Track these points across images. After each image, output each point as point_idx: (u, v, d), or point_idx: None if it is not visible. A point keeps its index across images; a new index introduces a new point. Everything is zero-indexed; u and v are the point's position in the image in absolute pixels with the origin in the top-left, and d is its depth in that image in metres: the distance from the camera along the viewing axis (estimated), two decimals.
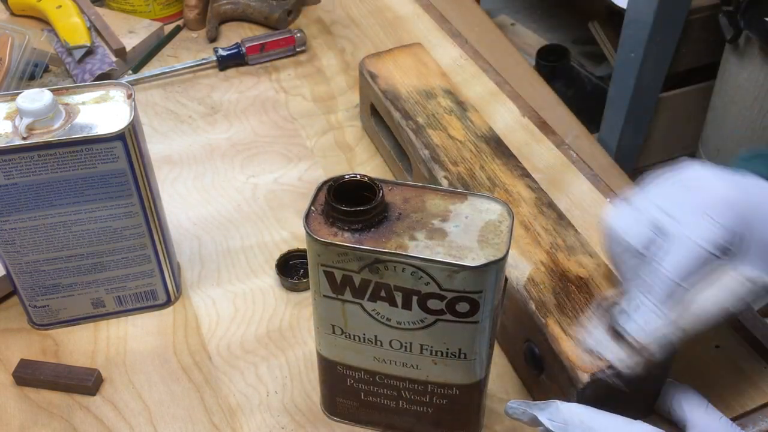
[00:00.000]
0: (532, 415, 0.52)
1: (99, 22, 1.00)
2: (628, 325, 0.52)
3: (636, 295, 0.52)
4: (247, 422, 0.61)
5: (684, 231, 0.50)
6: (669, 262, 0.50)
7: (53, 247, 0.62)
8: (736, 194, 0.51)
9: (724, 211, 0.50)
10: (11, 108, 0.59)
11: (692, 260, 0.50)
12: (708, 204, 0.51)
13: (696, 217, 0.50)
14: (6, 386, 0.64)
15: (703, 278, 0.50)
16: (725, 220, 0.50)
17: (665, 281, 0.50)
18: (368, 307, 0.50)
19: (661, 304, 0.50)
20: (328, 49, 1.03)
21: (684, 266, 0.50)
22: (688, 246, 0.50)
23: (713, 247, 0.49)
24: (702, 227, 0.50)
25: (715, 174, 0.53)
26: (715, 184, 0.52)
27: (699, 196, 0.51)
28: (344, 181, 0.50)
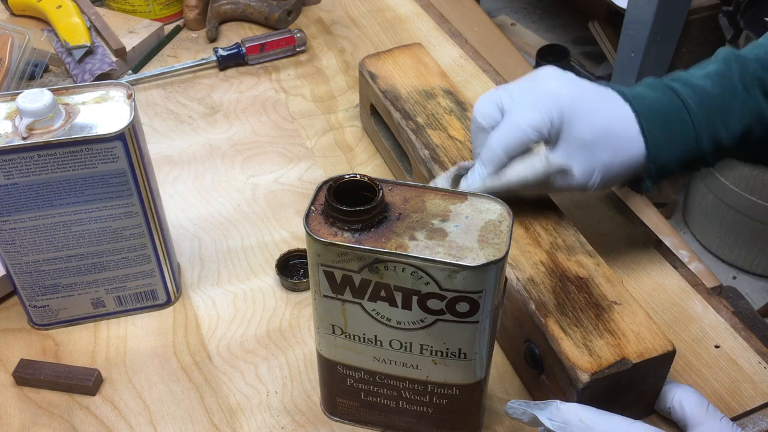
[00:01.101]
0: (532, 415, 0.52)
1: (99, 22, 1.00)
2: (462, 181, 0.64)
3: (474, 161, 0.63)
4: (247, 422, 0.61)
5: (514, 112, 0.61)
6: (496, 135, 0.61)
7: (53, 247, 0.62)
8: (565, 90, 0.61)
9: (547, 101, 0.60)
10: (11, 108, 0.59)
11: (513, 136, 0.60)
12: (539, 95, 0.61)
13: (527, 103, 0.61)
14: (6, 386, 0.64)
15: (521, 153, 0.61)
16: (546, 109, 0.60)
17: (490, 149, 0.61)
18: (368, 307, 0.50)
19: (482, 167, 0.61)
20: (328, 49, 1.03)
21: (505, 140, 0.60)
22: (512, 125, 0.60)
23: (531, 128, 0.60)
24: (527, 112, 0.60)
25: (560, 74, 0.63)
26: (552, 81, 0.62)
27: (536, 88, 0.62)
28: (344, 181, 0.50)
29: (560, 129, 0.60)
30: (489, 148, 0.61)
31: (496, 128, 0.61)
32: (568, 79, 0.62)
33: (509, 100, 0.62)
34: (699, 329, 0.67)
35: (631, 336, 0.56)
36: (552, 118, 0.60)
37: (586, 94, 0.62)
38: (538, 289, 0.59)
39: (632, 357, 0.54)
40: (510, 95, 0.62)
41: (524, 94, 0.61)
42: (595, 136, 0.60)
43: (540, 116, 0.60)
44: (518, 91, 0.62)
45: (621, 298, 0.59)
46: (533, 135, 0.60)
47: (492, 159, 0.61)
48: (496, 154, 0.61)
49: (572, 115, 0.60)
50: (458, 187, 0.63)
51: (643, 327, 0.56)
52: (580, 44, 2.33)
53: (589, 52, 2.28)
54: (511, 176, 0.61)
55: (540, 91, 0.61)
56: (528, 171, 0.61)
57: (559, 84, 0.62)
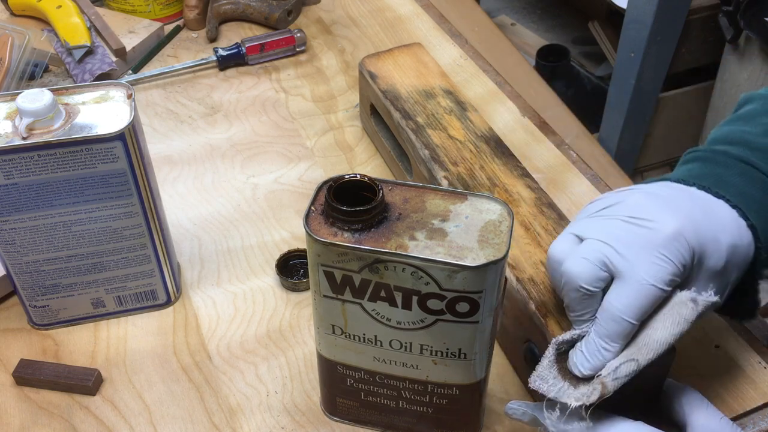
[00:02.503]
0: (532, 416, 0.52)
1: (99, 22, 1.00)
2: (577, 358, 0.52)
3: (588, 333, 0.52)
4: (247, 422, 0.61)
5: (636, 271, 0.50)
6: (621, 302, 0.50)
7: (53, 247, 0.62)
8: (686, 227, 0.51)
9: (676, 247, 0.50)
10: (11, 108, 0.59)
11: (646, 299, 0.50)
12: (659, 241, 0.50)
13: (649, 255, 0.50)
14: (6, 386, 0.64)
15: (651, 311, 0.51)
16: (677, 257, 0.50)
17: (618, 321, 0.50)
18: (368, 307, 0.50)
19: (610, 341, 0.51)
20: (328, 49, 1.03)
21: (637, 306, 0.50)
22: (641, 286, 0.50)
23: (666, 284, 0.50)
24: (655, 266, 0.50)
25: (657, 203, 0.53)
26: (662, 217, 0.52)
27: (650, 233, 0.51)
28: (344, 181, 0.50)
29: (691, 271, 0.52)
30: (616, 321, 0.50)
31: (614, 294, 0.51)
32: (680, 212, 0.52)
33: (618, 257, 0.51)
34: (699, 329, 0.67)
35: None
36: (685, 263, 0.50)
37: (701, 220, 0.52)
38: (538, 289, 0.59)
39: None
40: (615, 249, 0.51)
41: (638, 245, 0.51)
42: (726, 259, 0.52)
43: (673, 267, 0.50)
44: (626, 241, 0.51)
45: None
46: (669, 290, 0.50)
47: (622, 333, 0.50)
48: (628, 326, 0.50)
49: (702, 252, 0.51)
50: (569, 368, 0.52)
51: None
52: (580, 44, 2.33)
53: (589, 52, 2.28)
54: (663, 339, 0.51)
55: (659, 236, 0.51)
56: (681, 326, 0.51)
57: (677, 223, 0.51)
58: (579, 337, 0.53)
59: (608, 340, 0.51)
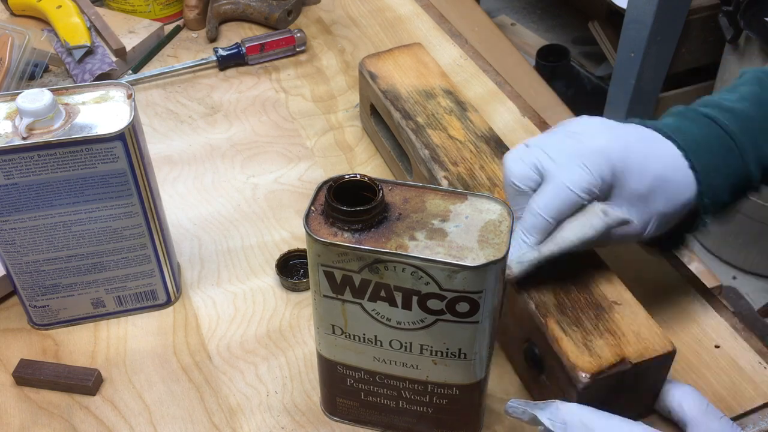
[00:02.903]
0: (532, 415, 0.52)
1: (99, 22, 1.00)
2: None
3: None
4: (247, 422, 0.61)
5: (559, 174, 0.56)
6: (541, 199, 0.56)
7: (53, 247, 0.62)
8: (613, 145, 0.56)
9: (598, 160, 0.56)
10: (11, 108, 0.59)
11: (562, 201, 0.56)
12: (585, 152, 0.56)
13: (572, 162, 0.56)
14: (6, 386, 0.64)
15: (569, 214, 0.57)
16: (597, 168, 0.55)
17: (535, 215, 0.56)
18: (368, 307, 0.50)
19: (527, 235, 0.57)
20: (328, 49, 1.03)
21: (553, 205, 0.56)
22: (560, 188, 0.55)
23: (582, 191, 0.55)
24: (575, 173, 0.55)
25: (600, 124, 0.59)
26: (597, 134, 0.57)
27: (579, 144, 0.57)
28: (344, 181, 0.50)
29: (612, 185, 0.56)
30: (534, 215, 0.56)
31: (539, 192, 0.56)
32: (615, 133, 0.58)
33: (548, 161, 0.56)
34: (699, 329, 0.67)
35: (631, 336, 0.56)
36: (603, 176, 0.55)
37: (633, 145, 0.57)
38: (538, 289, 0.59)
39: (632, 357, 0.54)
40: (548, 155, 0.57)
41: (567, 153, 0.56)
42: (649, 186, 0.56)
43: (591, 177, 0.55)
44: (558, 149, 0.57)
45: (621, 298, 0.59)
46: (585, 197, 0.55)
47: (538, 226, 0.56)
48: (543, 221, 0.56)
49: (624, 170, 0.56)
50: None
51: (643, 327, 0.56)
52: (580, 44, 2.33)
53: (589, 52, 2.28)
54: (568, 238, 0.56)
55: (586, 148, 0.56)
56: (587, 230, 0.56)
57: (607, 140, 0.57)
58: None
59: (526, 232, 0.57)
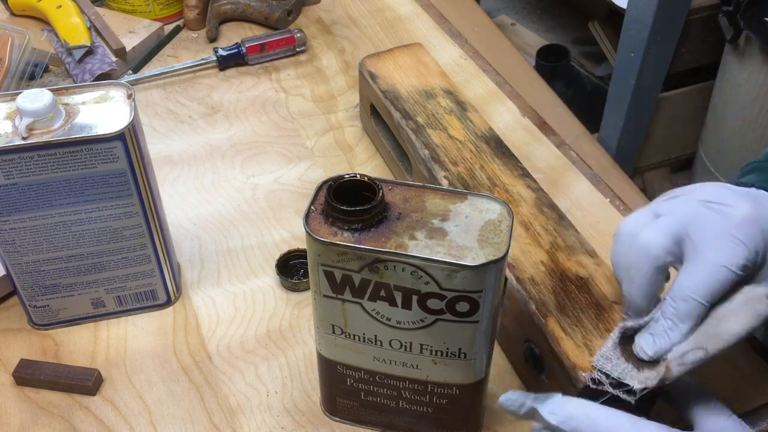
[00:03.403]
0: (529, 409, 0.49)
1: (99, 22, 1.00)
2: (644, 341, 0.51)
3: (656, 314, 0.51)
4: (247, 422, 0.61)
5: (709, 252, 0.50)
6: (692, 280, 0.50)
7: (53, 247, 0.62)
8: (759, 212, 0.51)
9: (751, 231, 0.50)
10: (11, 108, 0.59)
11: (717, 281, 0.49)
12: (733, 224, 0.50)
13: (721, 237, 0.50)
14: (6, 386, 0.64)
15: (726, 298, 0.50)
16: (752, 241, 0.50)
17: (687, 300, 0.50)
18: (368, 306, 0.50)
19: (679, 323, 0.50)
20: (328, 49, 1.03)
21: (708, 287, 0.49)
22: (713, 267, 0.49)
23: (738, 268, 0.49)
24: (728, 248, 0.50)
25: (734, 191, 0.53)
26: (738, 202, 0.52)
27: (723, 217, 0.51)
28: (344, 181, 0.50)
29: (765, 257, 0.51)
30: (685, 300, 0.50)
31: (685, 273, 0.50)
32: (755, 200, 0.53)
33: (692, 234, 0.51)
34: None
35: None
36: (758, 248, 0.50)
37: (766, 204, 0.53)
38: (538, 289, 0.59)
39: None
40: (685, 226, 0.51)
41: (714, 225, 0.51)
42: None
43: (747, 251, 0.50)
44: (698, 219, 0.51)
45: (621, 298, 0.58)
46: (742, 275, 0.50)
47: (692, 313, 0.50)
48: (698, 306, 0.49)
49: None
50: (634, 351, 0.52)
51: None
52: (580, 44, 2.33)
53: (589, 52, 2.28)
54: (734, 331, 0.50)
55: (733, 218, 0.51)
56: (754, 319, 0.50)
57: (753, 206, 0.52)
58: (645, 323, 0.52)
59: (676, 320, 0.50)
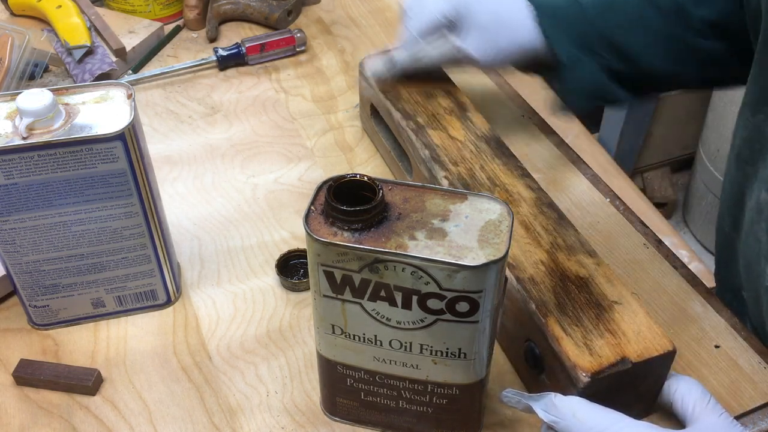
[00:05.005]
0: (526, 405, 0.53)
1: (99, 22, 1.00)
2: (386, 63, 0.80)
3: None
4: (247, 422, 0.61)
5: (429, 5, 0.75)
6: (413, 22, 0.77)
7: (53, 247, 0.62)
8: None
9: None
10: (11, 108, 0.59)
11: (425, 22, 0.76)
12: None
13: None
14: (6, 386, 0.64)
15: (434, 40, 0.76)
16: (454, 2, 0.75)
17: (407, 33, 0.77)
18: (368, 306, 0.50)
19: (401, 47, 0.78)
20: (328, 49, 1.03)
21: (420, 25, 0.76)
22: (425, 13, 0.76)
23: (440, 14, 0.75)
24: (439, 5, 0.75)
25: None
26: None
27: None
28: (344, 181, 0.50)
29: (464, 15, 0.74)
30: (407, 32, 0.77)
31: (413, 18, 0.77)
32: None
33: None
34: (699, 329, 0.67)
35: (631, 336, 0.56)
36: (456, 5, 0.74)
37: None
38: (538, 289, 0.59)
39: (632, 357, 0.54)
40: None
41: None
42: (492, 22, 0.74)
43: (448, 4, 0.75)
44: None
45: (621, 297, 0.59)
46: (441, 18, 0.75)
47: (409, 40, 0.77)
48: (412, 37, 0.77)
49: (476, 5, 0.74)
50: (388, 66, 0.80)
51: (643, 327, 0.56)
52: None
53: None
54: (424, 56, 0.77)
55: None
56: (436, 53, 0.76)
57: None
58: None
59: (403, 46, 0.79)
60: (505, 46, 0.75)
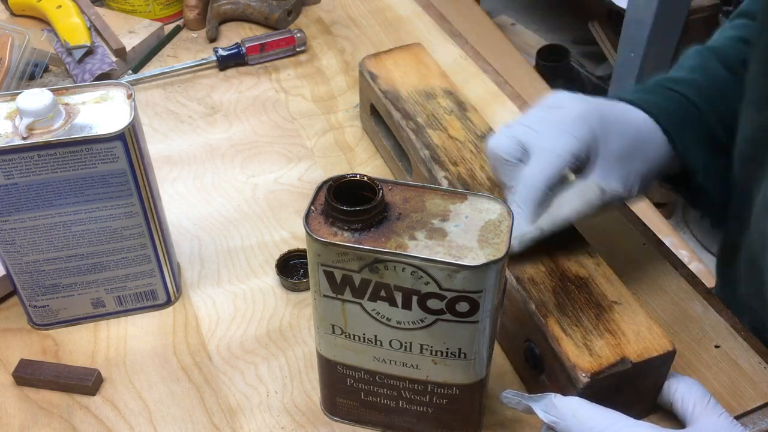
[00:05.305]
0: (526, 406, 0.53)
1: (99, 22, 1.00)
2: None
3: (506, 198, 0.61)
4: (247, 422, 0.61)
5: (544, 142, 0.59)
6: (531, 168, 0.59)
7: (53, 247, 0.62)
8: (589, 111, 0.61)
9: (578, 125, 0.59)
10: (11, 108, 0.59)
11: (551, 167, 0.58)
12: (565, 120, 0.60)
13: (555, 131, 0.59)
14: (6, 386, 0.64)
15: (561, 186, 0.60)
16: (579, 132, 0.59)
17: (529, 187, 0.58)
18: (368, 306, 0.50)
19: (523, 207, 0.59)
20: (328, 49, 1.03)
21: (545, 173, 0.58)
22: (549, 155, 0.58)
23: (569, 154, 0.58)
24: (560, 138, 0.59)
25: (573, 96, 0.63)
26: (572, 104, 0.61)
27: (558, 114, 0.61)
28: (344, 181, 0.50)
29: (595, 150, 0.60)
30: (528, 186, 0.58)
31: (529, 163, 0.59)
32: (591, 102, 0.62)
33: (532, 133, 0.60)
34: (699, 329, 0.67)
35: (631, 336, 0.56)
36: (586, 139, 0.59)
37: (608, 112, 0.63)
38: (538, 289, 0.59)
39: (632, 357, 0.54)
40: (530, 127, 0.60)
41: (548, 123, 0.60)
42: (628, 148, 0.62)
43: (576, 141, 0.59)
44: (539, 121, 0.61)
45: (621, 298, 0.59)
46: (572, 161, 0.59)
47: (533, 197, 0.58)
48: (538, 190, 0.58)
49: (604, 133, 0.60)
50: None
51: (643, 327, 0.56)
52: (580, 44, 2.33)
53: (589, 52, 2.28)
54: (566, 214, 0.60)
55: (566, 116, 0.60)
56: (584, 206, 0.60)
57: (585, 108, 0.61)
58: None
59: (520, 203, 0.59)
60: (643, 169, 0.63)
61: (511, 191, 0.60)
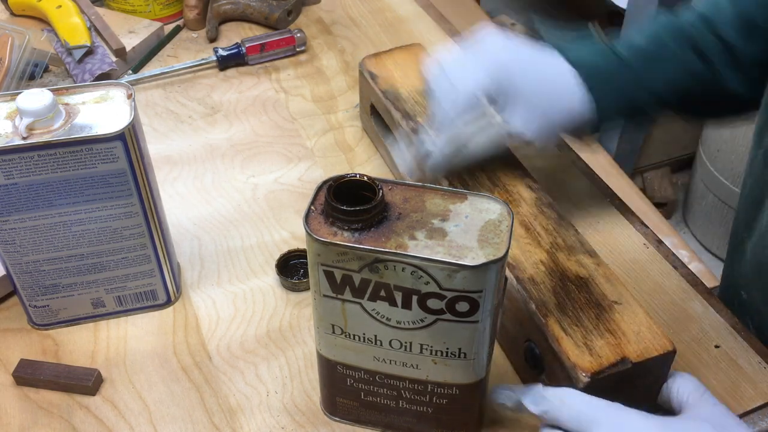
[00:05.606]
0: (516, 400, 0.53)
1: (99, 22, 1.00)
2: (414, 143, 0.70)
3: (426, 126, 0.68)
4: (247, 422, 0.61)
5: (458, 75, 0.65)
6: (448, 100, 0.65)
7: (53, 247, 0.62)
8: (508, 57, 0.65)
9: (495, 68, 0.64)
10: (11, 108, 0.59)
11: (462, 101, 0.64)
12: (485, 62, 0.65)
13: (470, 66, 0.65)
14: (6, 386, 0.64)
15: (474, 120, 0.65)
16: (493, 74, 0.64)
17: (443, 114, 0.65)
18: (368, 306, 0.50)
19: (435, 132, 0.66)
20: (328, 49, 1.03)
21: (458, 104, 0.64)
22: (463, 90, 0.64)
23: (480, 89, 0.64)
24: (476, 78, 0.64)
25: (497, 33, 0.67)
26: (492, 40, 0.67)
27: (480, 57, 0.66)
28: (344, 181, 0.50)
29: (506, 89, 0.64)
30: (442, 114, 0.65)
31: (443, 94, 0.66)
32: (509, 40, 0.67)
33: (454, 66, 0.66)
34: (699, 329, 0.67)
35: (631, 336, 0.56)
36: (497, 78, 0.64)
37: (527, 55, 0.67)
38: (538, 289, 0.59)
39: (632, 357, 0.54)
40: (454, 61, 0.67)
41: (467, 58, 0.67)
42: (538, 93, 0.65)
43: (489, 81, 0.64)
44: (461, 56, 0.67)
45: (621, 297, 0.59)
46: (482, 96, 0.64)
47: (446, 124, 0.65)
48: (449, 119, 0.65)
49: (516, 75, 0.64)
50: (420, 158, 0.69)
51: (643, 327, 0.56)
52: None
53: None
54: (473, 150, 0.66)
55: (483, 58, 0.66)
56: (488, 142, 0.66)
57: (503, 45, 0.66)
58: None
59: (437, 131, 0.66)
60: (557, 118, 0.66)
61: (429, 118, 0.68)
